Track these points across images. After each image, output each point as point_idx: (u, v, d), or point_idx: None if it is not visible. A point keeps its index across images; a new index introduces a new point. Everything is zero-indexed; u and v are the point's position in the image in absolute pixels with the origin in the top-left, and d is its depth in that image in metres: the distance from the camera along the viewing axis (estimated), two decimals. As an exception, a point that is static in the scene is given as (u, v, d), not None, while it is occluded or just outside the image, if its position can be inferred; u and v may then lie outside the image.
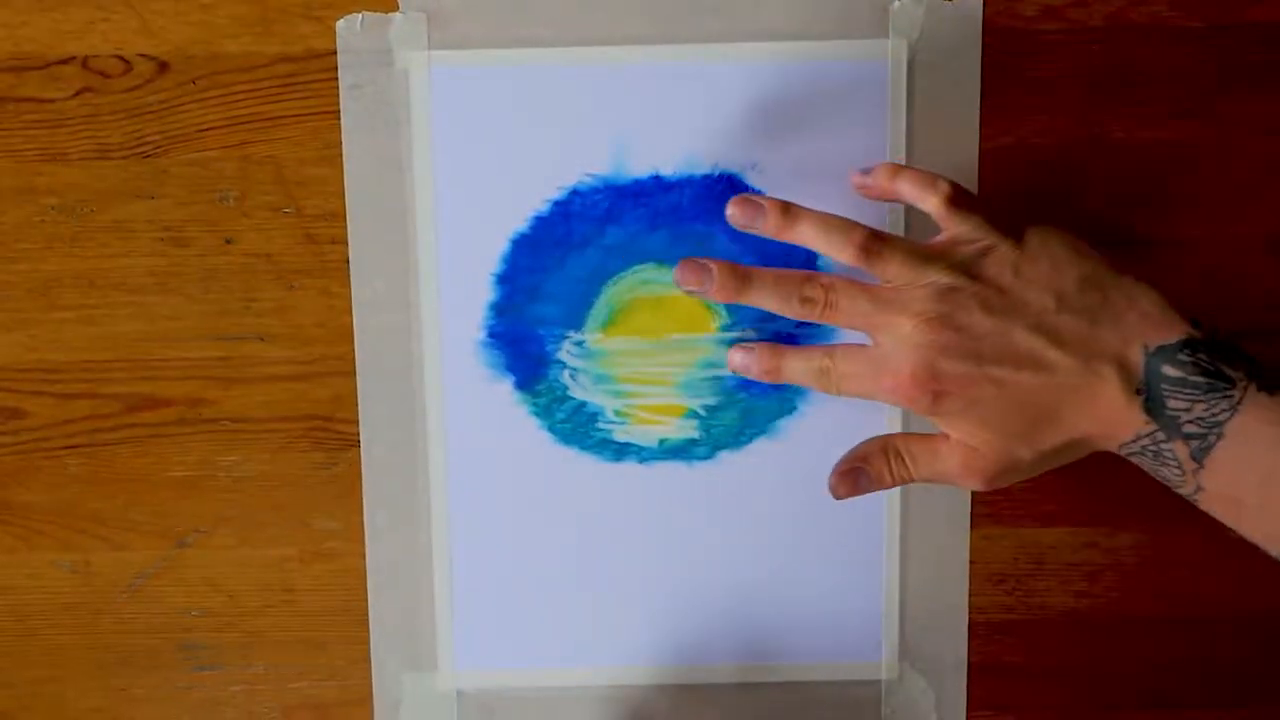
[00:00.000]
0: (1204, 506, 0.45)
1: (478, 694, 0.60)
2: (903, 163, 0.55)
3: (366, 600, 0.59)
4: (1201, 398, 0.43)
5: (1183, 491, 0.45)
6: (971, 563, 0.59)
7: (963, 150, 0.56)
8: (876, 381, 0.48)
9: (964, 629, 0.59)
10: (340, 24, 0.54)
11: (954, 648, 0.59)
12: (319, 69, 0.55)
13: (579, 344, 0.57)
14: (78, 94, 0.55)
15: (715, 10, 0.54)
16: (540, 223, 0.56)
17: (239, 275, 0.56)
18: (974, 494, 0.58)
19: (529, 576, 0.59)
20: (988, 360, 0.46)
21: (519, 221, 0.56)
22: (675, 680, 0.59)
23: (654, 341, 0.57)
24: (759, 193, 0.55)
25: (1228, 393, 0.43)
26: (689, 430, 0.57)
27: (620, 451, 0.58)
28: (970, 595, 0.59)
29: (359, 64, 0.54)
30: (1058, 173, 0.56)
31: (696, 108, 0.55)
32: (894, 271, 0.48)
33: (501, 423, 0.57)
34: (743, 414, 0.57)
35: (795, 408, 0.57)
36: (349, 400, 0.57)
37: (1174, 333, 0.45)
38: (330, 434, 0.58)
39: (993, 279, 0.47)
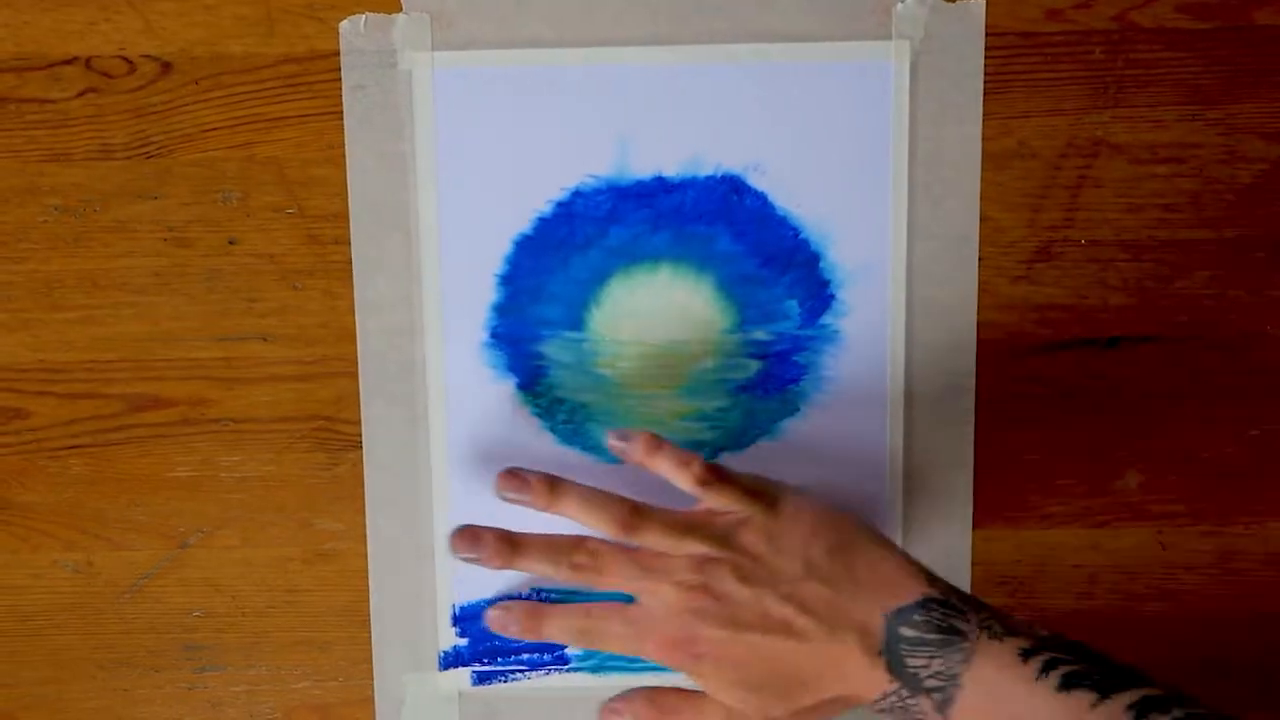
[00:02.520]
0: None
1: (479, 694, 0.60)
2: (896, 165, 0.55)
3: (369, 601, 0.59)
4: (938, 653, 0.46)
5: None
6: (973, 564, 0.59)
7: (965, 151, 0.56)
8: (640, 642, 0.51)
9: (966, 630, 0.59)
10: (344, 25, 0.54)
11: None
12: (322, 69, 0.55)
13: (581, 345, 0.57)
14: (81, 94, 0.55)
15: (719, 11, 0.54)
16: (543, 223, 0.56)
17: (242, 275, 0.56)
18: (975, 494, 0.58)
19: (531, 578, 0.58)
20: (742, 626, 0.49)
21: (522, 222, 0.56)
22: (677, 681, 0.59)
23: (656, 343, 0.57)
24: (761, 195, 0.55)
25: (960, 645, 0.46)
26: (691, 431, 0.57)
27: (623, 452, 0.58)
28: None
29: (362, 64, 0.54)
30: (1060, 175, 0.56)
31: (700, 108, 0.55)
32: (654, 541, 0.51)
33: (503, 423, 0.57)
34: (745, 415, 0.57)
35: (798, 409, 0.57)
36: (351, 401, 0.57)
37: (911, 594, 0.48)
38: (332, 434, 0.58)
39: (747, 548, 0.50)
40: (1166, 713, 0.44)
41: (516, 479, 0.53)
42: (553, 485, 0.53)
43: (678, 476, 0.52)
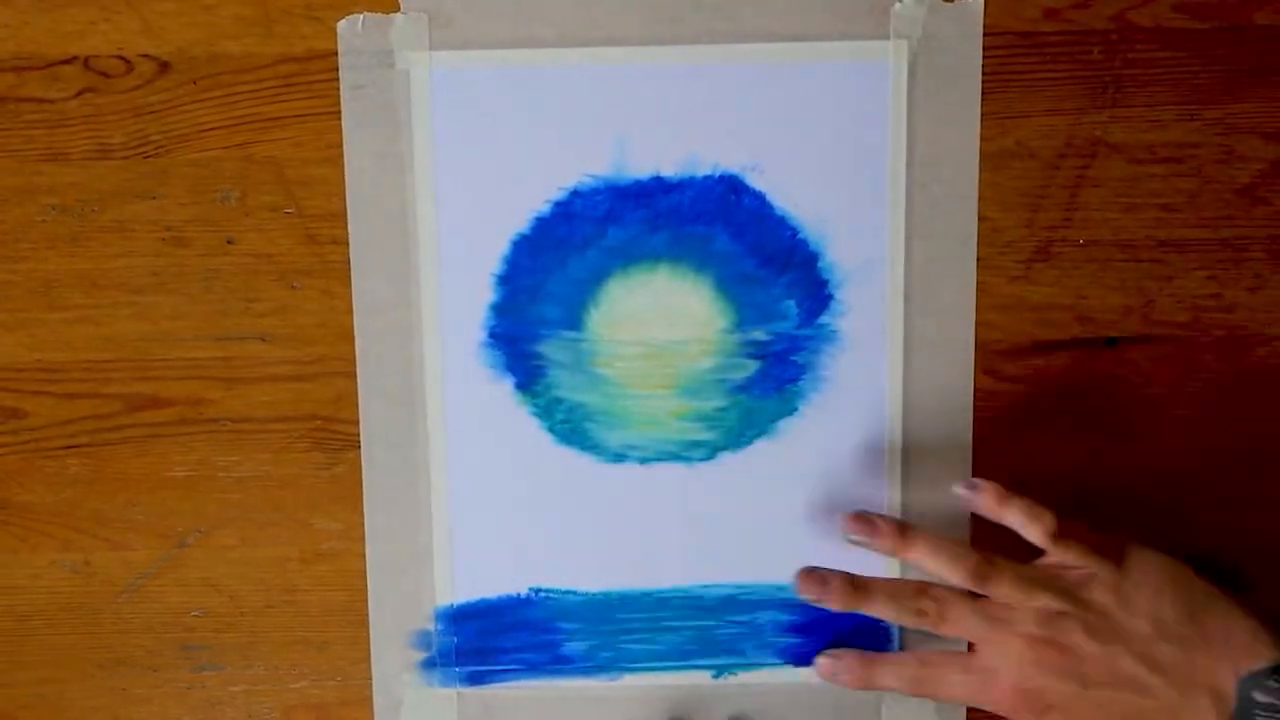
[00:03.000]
0: None
1: (477, 694, 0.60)
2: (899, 177, 0.55)
3: (367, 600, 0.59)
4: None
5: None
6: (972, 564, 0.59)
7: (963, 151, 0.56)
8: (984, 693, 0.51)
9: (964, 630, 0.59)
10: (341, 24, 0.54)
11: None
12: (320, 69, 0.55)
13: (580, 344, 0.57)
14: (79, 94, 0.55)
15: (717, 10, 0.54)
16: (541, 223, 0.56)
17: (240, 275, 0.56)
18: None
19: (529, 577, 0.58)
20: (1092, 683, 0.49)
21: (520, 222, 0.56)
22: (676, 681, 0.59)
23: (655, 342, 0.57)
24: (759, 195, 0.55)
25: None
26: (689, 431, 0.57)
27: (620, 452, 0.58)
28: (970, 596, 0.59)
29: (360, 64, 0.54)
30: (1058, 174, 0.56)
31: (697, 108, 0.55)
32: (1003, 593, 0.51)
33: (502, 423, 0.57)
34: (743, 415, 0.57)
35: (795, 409, 0.57)
36: (350, 400, 0.57)
37: (1263, 658, 0.48)
38: (331, 434, 0.58)
39: (1096, 605, 0.50)
40: None
41: (866, 523, 0.54)
42: (903, 531, 0.53)
43: (1029, 530, 0.52)
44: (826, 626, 0.59)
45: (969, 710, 0.59)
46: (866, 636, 0.59)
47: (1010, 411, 0.58)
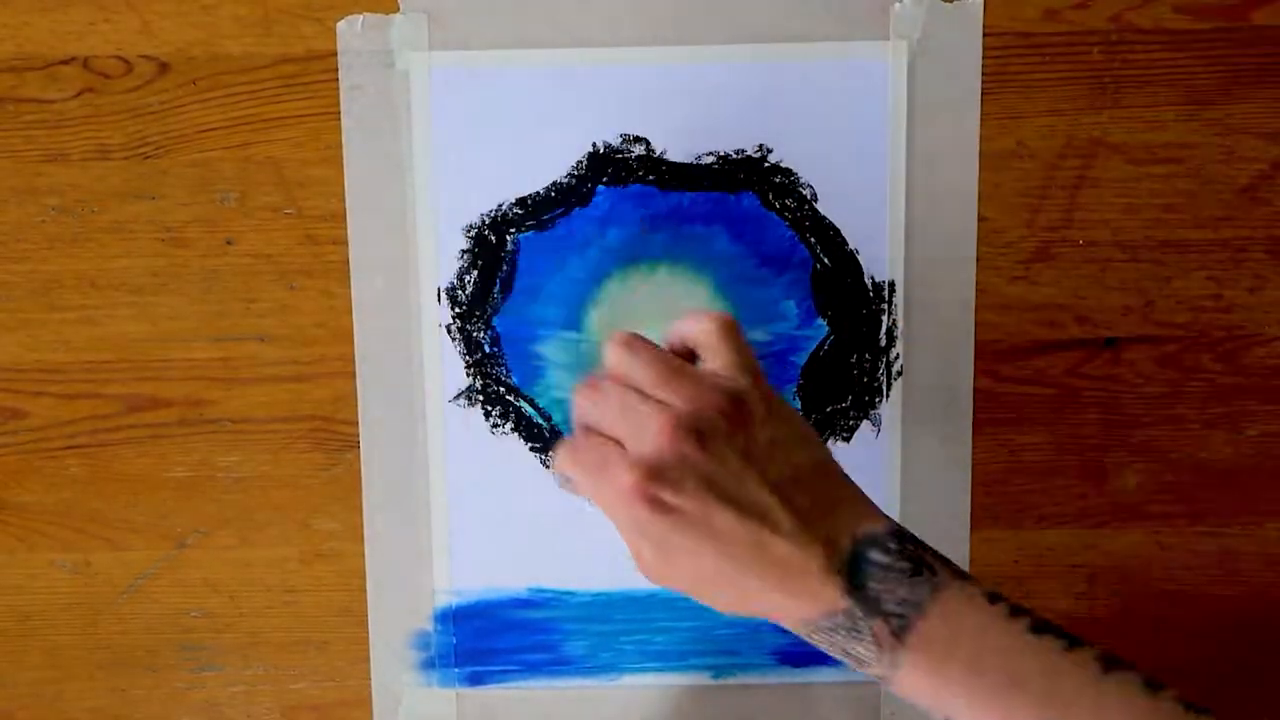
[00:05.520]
0: (896, 686, 0.46)
1: (476, 695, 0.60)
2: (901, 164, 0.55)
3: (366, 601, 0.59)
4: (904, 580, 0.45)
5: (875, 670, 0.46)
6: (972, 565, 0.59)
7: (963, 152, 0.56)
8: (607, 475, 0.46)
9: (964, 631, 0.59)
10: (341, 25, 0.54)
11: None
12: (320, 70, 0.55)
13: (579, 345, 0.57)
14: (79, 94, 0.55)
15: (716, 11, 0.54)
16: (541, 223, 0.56)
17: (239, 276, 0.56)
18: (973, 494, 0.58)
19: (529, 578, 0.59)
20: (722, 498, 0.45)
21: (519, 222, 0.56)
22: (675, 682, 0.59)
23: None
24: (757, 199, 0.55)
25: (929, 579, 0.45)
26: (689, 431, 0.57)
27: (620, 452, 0.58)
28: (970, 597, 0.59)
29: (359, 65, 0.54)
30: (1058, 175, 0.56)
31: (698, 109, 0.55)
32: (658, 371, 0.47)
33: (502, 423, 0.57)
34: (743, 415, 0.57)
35: (794, 409, 0.57)
36: (349, 401, 0.57)
37: (882, 525, 0.47)
38: (330, 435, 0.58)
39: (745, 425, 0.47)
40: (1130, 669, 0.44)
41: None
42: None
43: (694, 328, 0.48)
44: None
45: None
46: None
47: (1010, 412, 0.58)
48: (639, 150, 0.55)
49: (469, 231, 0.56)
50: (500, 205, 0.56)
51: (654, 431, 0.45)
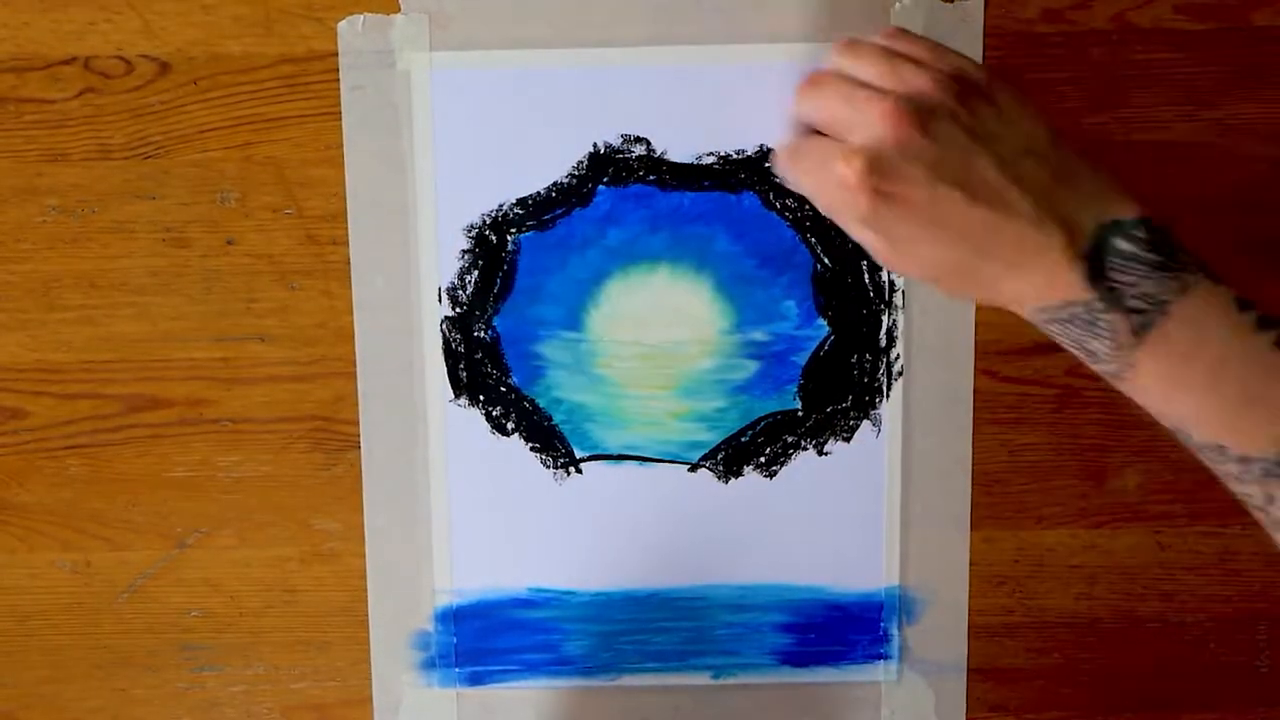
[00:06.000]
0: (1125, 384, 0.44)
1: (477, 694, 0.60)
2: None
3: (367, 600, 0.59)
4: (1150, 275, 0.43)
5: (1104, 367, 0.43)
6: (971, 565, 0.59)
7: (963, 152, 0.55)
8: (821, 172, 0.45)
9: (964, 631, 0.59)
10: (342, 25, 0.54)
11: (954, 649, 0.59)
12: (320, 70, 0.55)
13: (580, 345, 0.57)
14: (79, 94, 0.55)
15: (716, 11, 0.54)
16: (541, 223, 0.56)
17: (240, 276, 0.56)
18: (973, 494, 0.58)
19: (529, 578, 0.59)
20: (944, 178, 0.43)
21: (519, 222, 0.56)
22: (675, 682, 0.59)
23: (654, 343, 0.57)
24: (759, 195, 0.55)
25: (1178, 274, 0.43)
26: (689, 431, 0.57)
27: (620, 452, 0.58)
28: (970, 597, 0.59)
29: (360, 65, 0.54)
30: (1058, 175, 0.56)
31: (697, 108, 0.55)
32: (918, 49, 0.46)
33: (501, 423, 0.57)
34: (743, 415, 0.57)
35: (795, 408, 0.57)
36: (349, 401, 0.57)
37: (1130, 211, 0.44)
38: (331, 435, 0.58)
39: (974, 105, 0.45)
40: None
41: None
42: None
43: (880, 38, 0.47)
44: (826, 627, 0.59)
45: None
46: (864, 631, 0.59)
47: (1010, 412, 0.58)
48: (639, 150, 0.55)
49: (469, 231, 0.56)
50: (501, 205, 0.56)
51: (874, 119, 0.44)
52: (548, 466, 0.58)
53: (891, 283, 0.56)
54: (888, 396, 0.57)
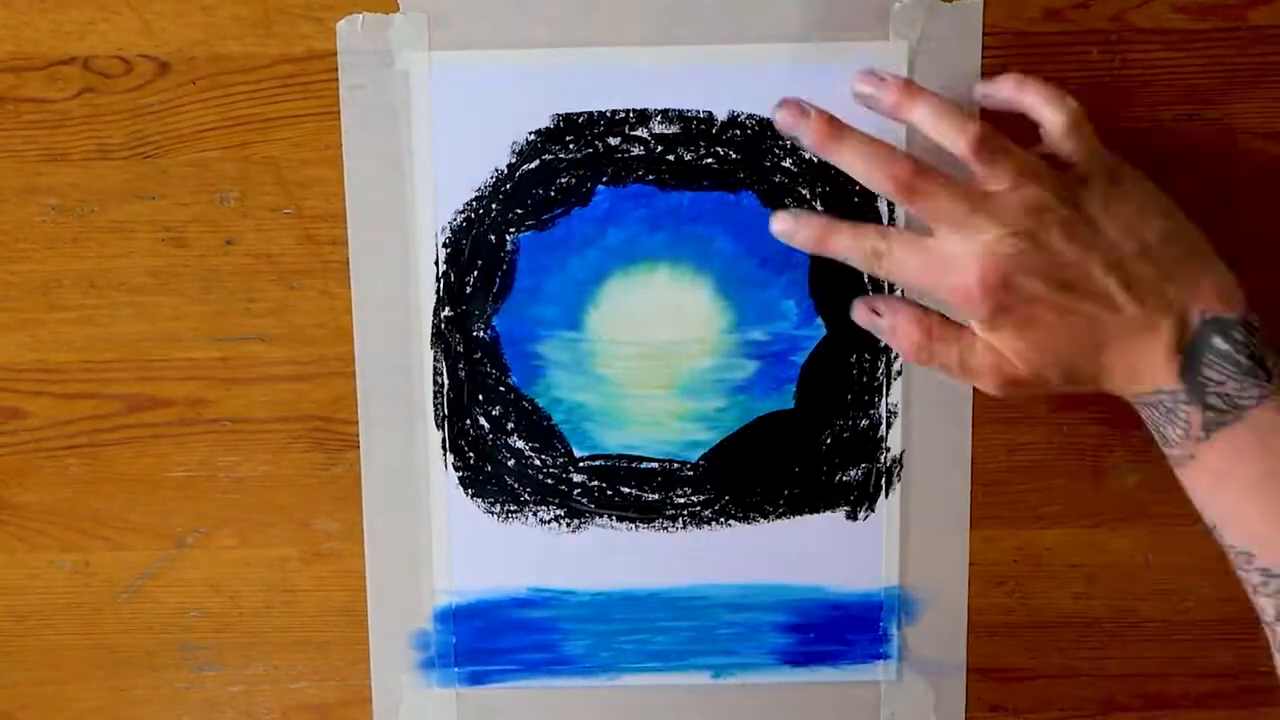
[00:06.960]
0: (1182, 472, 0.46)
1: (477, 694, 0.60)
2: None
3: (367, 600, 0.59)
4: (1237, 377, 0.45)
5: (1173, 451, 0.46)
6: (971, 564, 0.59)
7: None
8: (941, 278, 0.47)
9: (963, 630, 0.59)
10: (341, 25, 0.54)
11: (953, 649, 0.59)
12: (319, 70, 0.55)
13: (579, 345, 0.57)
14: (79, 94, 0.55)
15: (716, 11, 0.54)
16: (541, 223, 0.56)
17: (239, 276, 0.56)
18: (973, 494, 0.58)
19: (529, 578, 0.59)
20: (1059, 286, 0.46)
21: (519, 222, 0.56)
22: (674, 681, 0.59)
23: (654, 343, 0.57)
24: (757, 199, 0.55)
25: (1261, 382, 0.45)
26: (689, 431, 0.57)
27: (620, 452, 0.58)
28: (970, 597, 0.59)
29: (359, 64, 0.54)
30: (1058, 174, 0.56)
31: (698, 108, 0.55)
32: (999, 172, 0.47)
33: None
34: (742, 415, 0.57)
35: (793, 407, 0.57)
36: (349, 401, 0.57)
37: (1233, 310, 0.46)
38: (330, 435, 0.58)
39: (1083, 208, 0.47)
40: None
41: (874, 77, 0.49)
42: (909, 88, 0.48)
43: (1047, 111, 0.48)
44: (826, 627, 0.59)
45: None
46: (863, 631, 0.59)
47: (1009, 411, 0.58)
48: (639, 150, 0.55)
49: (469, 231, 0.56)
50: (500, 205, 0.56)
51: (985, 242, 0.46)
52: (547, 466, 0.58)
53: (890, 283, 0.56)
54: (887, 396, 0.57)
